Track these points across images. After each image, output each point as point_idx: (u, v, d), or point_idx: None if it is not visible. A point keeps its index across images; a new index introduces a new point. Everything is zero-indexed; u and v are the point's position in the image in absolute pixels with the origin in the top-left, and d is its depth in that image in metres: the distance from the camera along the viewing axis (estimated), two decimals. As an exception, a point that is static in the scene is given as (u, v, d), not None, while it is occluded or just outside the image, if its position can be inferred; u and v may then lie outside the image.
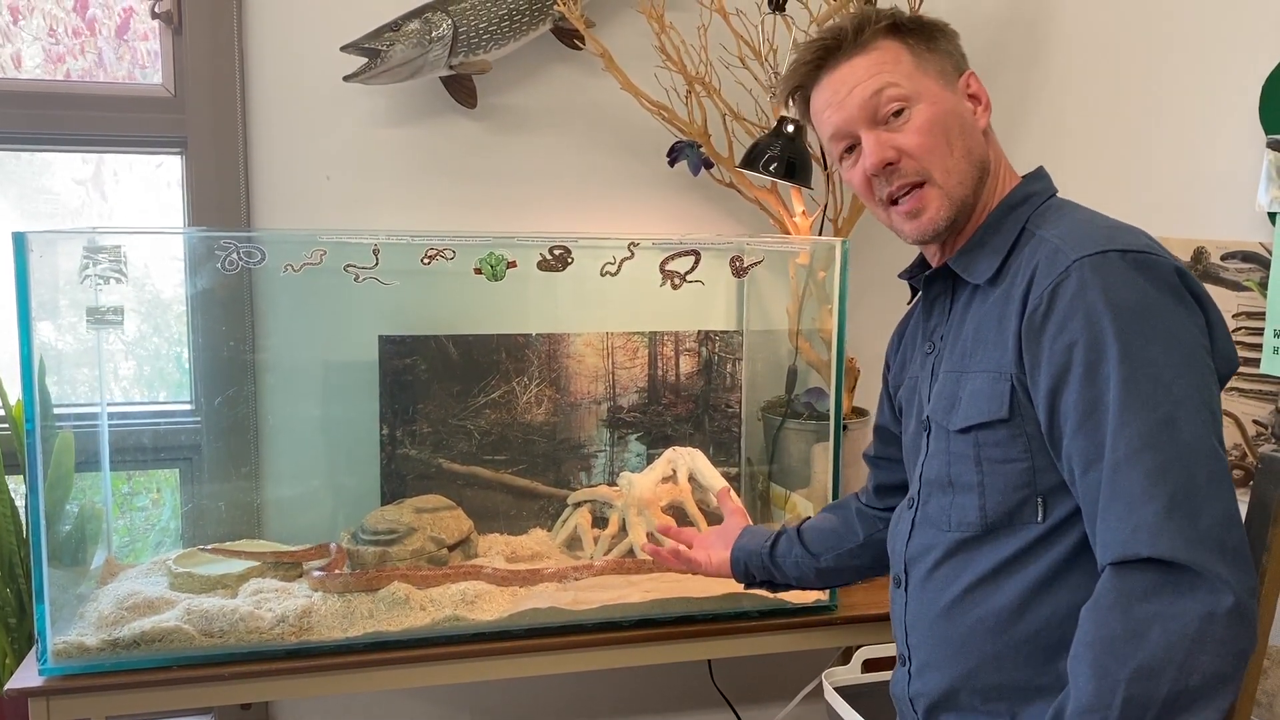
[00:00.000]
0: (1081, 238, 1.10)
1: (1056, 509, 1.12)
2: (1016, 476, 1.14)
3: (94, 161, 2.12)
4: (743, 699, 2.42)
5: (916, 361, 1.34)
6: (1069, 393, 1.06)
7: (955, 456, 1.19)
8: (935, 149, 1.20)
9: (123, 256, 1.65)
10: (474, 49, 2.03)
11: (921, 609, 1.24)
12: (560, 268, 1.73)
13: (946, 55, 1.23)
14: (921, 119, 1.20)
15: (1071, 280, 1.06)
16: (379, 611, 1.72)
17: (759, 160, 1.99)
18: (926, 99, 1.20)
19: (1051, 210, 1.20)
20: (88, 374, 1.86)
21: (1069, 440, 1.07)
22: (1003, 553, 1.16)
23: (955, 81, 1.22)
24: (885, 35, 1.21)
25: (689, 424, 2.18)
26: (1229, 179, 1.83)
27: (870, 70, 1.21)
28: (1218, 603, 0.95)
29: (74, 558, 1.78)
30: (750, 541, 1.60)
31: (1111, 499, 1.01)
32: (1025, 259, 1.15)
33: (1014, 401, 1.13)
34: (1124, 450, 1.01)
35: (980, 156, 1.22)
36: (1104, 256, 1.06)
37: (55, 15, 2.08)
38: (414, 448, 2.03)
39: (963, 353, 1.21)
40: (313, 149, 2.09)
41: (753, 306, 2.24)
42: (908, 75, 1.20)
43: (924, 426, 1.26)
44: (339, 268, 1.67)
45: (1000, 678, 1.17)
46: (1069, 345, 1.05)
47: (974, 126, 1.22)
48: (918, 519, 1.27)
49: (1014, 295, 1.14)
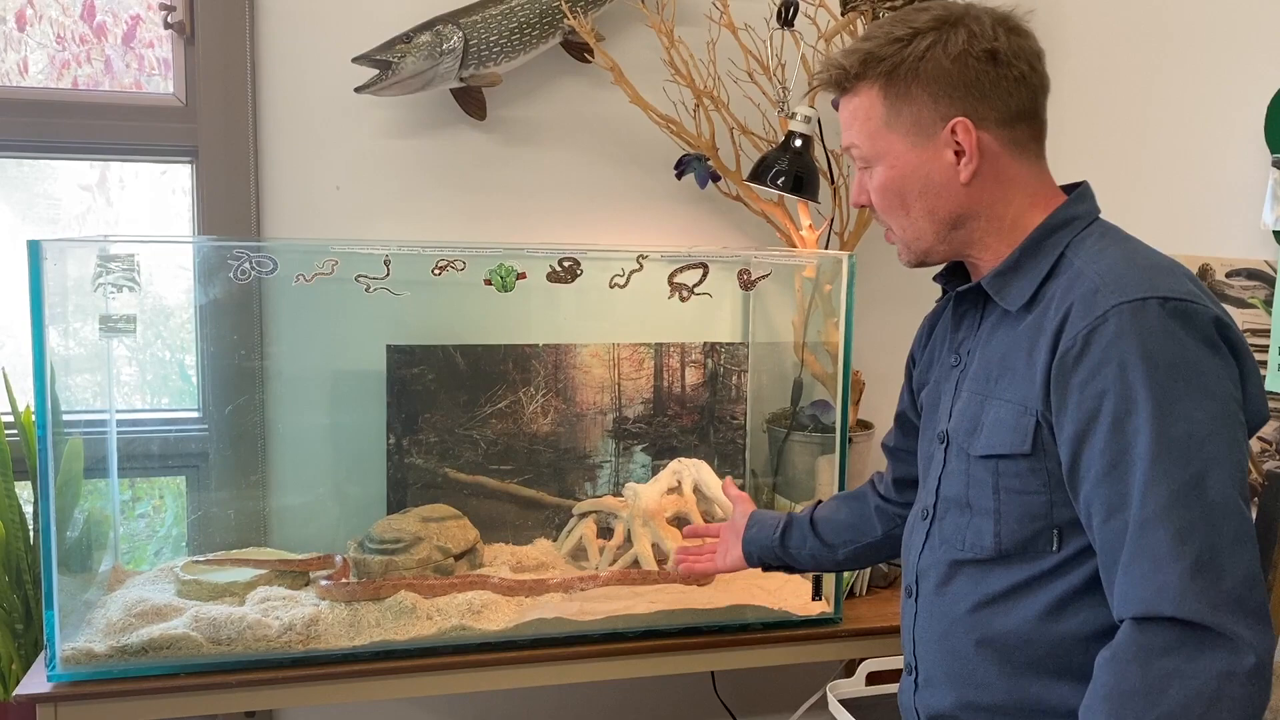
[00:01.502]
0: (1122, 279, 1.07)
1: (1071, 542, 1.12)
2: (1034, 508, 1.14)
3: (99, 168, 2.14)
4: (746, 711, 2.42)
5: (941, 369, 1.32)
6: (1094, 440, 1.05)
7: (974, 480, 1.19)
8: (890, 210, 1.23)
9: (136, 265, 1.66)
10: (484, 61, 2.04)
11: (930, 623, 1.25)
12: (569, 279, 1.74)
13: (928, 103, 1.17)
14: (878, 181, 1.22)
15: (1109, 326, 1.04)
16: (385, 620, 1.73)
17: (766, 174, 2.01)
18: (887, 161, 1.20)
19: (1092, 238, 1.17)
20: (96, 381, 1.87)
21: (1090, 487, 1.06)
22: (1014, 578, 1.16)
23: (934, 132, 1.17)
24: (867, 81, 1.19)
25: (694, 435, 2.19)
26: (1234, 196, 1.84)
27: (847, 121, 1.23)
28: (1238, 662, 0.96)
29: (82, 564, 1.78)
30: (760, 533, 1.60)
31: (1137, 555, 1.01)
32: (1061, 289, 1.13)
33: (1038, 438, 1.12)
34: (1152, 508, 1.00)
35: (950, 212, 1.20)
36: (1143, 304, 1.04)
37: (62, 23, 2.10)
38: (420, 457, 2.04)
39: (989, 376, 1.19)
40: (323, 159, 2.11)
41: (758, 319, 2.25)
42: (873, 133, 1.20)
43: (942, 439, 1.26)
44: (348, 277, 1.68)
45: (1003, 700, 1.17)
46: (1100, 393, 1.04)
47: (946, 183, 1.18)
48: (932, 532, 1.26)
49: (1046, 328, 1.11)
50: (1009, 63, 1.17)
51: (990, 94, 1.16)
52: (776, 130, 2.14)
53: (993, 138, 1.17)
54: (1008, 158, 1.19)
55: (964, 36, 1.16)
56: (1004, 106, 1.17)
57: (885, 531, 1.52)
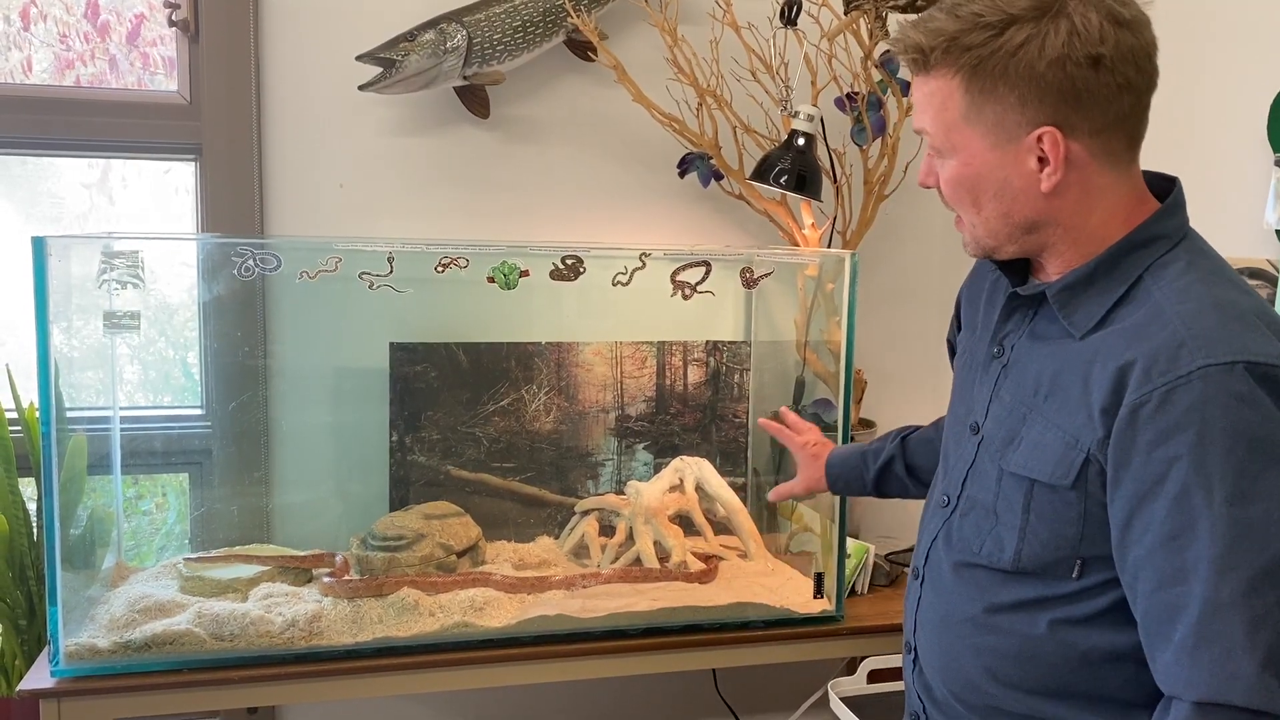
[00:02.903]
0: (1211, 335, 0.99)
1: (1093, 573, 1.08)
2: (1063, 536, 1.09)
3: (101, 166, 2.14)
4: (748, 709, 2.43)
5: (979, 348, 1.25)
6: (1155, 506, 0.99)
7: (1004, 493, 1.14)
8: (960, 203, 1.13)
9: (140, 262, 1.66)
10: (488, 60, 2.04)
11: (933, 614, 1.23)
12: (572, 277, 1.74)
13: (1014, 106, 1.04)
14: (950, 174, 1.11)
15: (1193, 389, 0.97)
16: (388, 617, 1.73)
17: (769, 173, 2.01)
18: (961, 156, 1.09)
19: (1176, 266, 1.07)
20: (100, 377, 1.88)
21: (1143, 552, 1.01)
22: (1025, 594, 1.12)
23: (1018, 136, 1.06)
24: (948, 69, 1.06)
25: (696, 434, 2.19)
26: (1237, 196, 1.84)
27: (921, 103, 1.12)
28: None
29: (85, 560, 1.79)
30: (847, 472, 1.62)
31: (1206, 639, 0.97)
32: (1135, 321, 1.05)
33: (1083, 474, 1.06)
34: (1227, 595, 0.96)
35: (1026, 218, 1.10)
36: (1230, 369, 0.97)
37: (66, 21, 2.10)
38: (423, 454, 2.04)
39: (1035, 389, 1.12)
40: (326, 157, 2.11)
41: (760, 318, 2.25)
42: (949, 125, 1.09)
43: (974, 430, 1.20)
44: (351, 275, 1.68)
45: (995, 704, 1.16)
46: (1171, 459, 0.98)
47: (1025, 189, 1.08)
48: (951, 523, 1.21)
49: (1109, 360, 1.04)
50: (1113, 69, 1.03)
51: (1087, 103, 1.04)
52: (779, 129, 2.14)
53: (1083, 148, 1.06)
54: (1096, 167, 1.07)
55: (1065, 35, 1.02)
56: (1100, 116, 1.05)
57: None
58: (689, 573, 1.92)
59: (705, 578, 1.92)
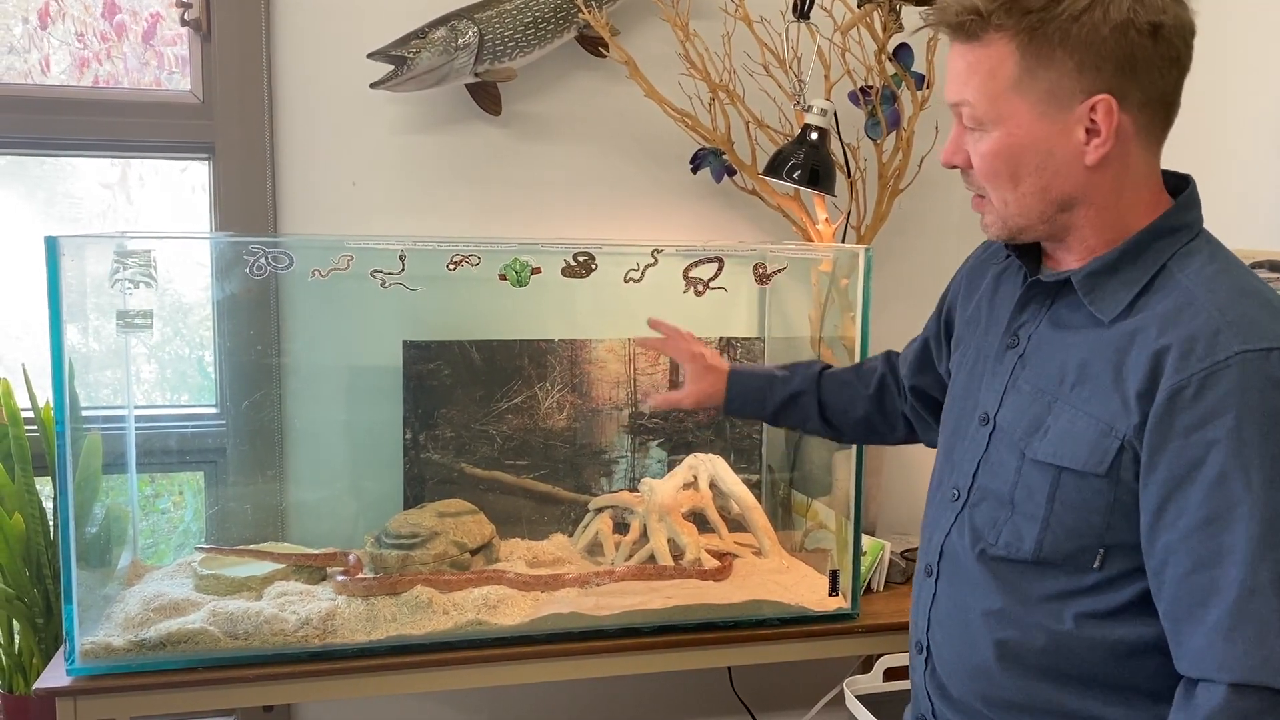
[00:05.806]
0: (1246, 322, 1.01)
1: (1116, 563, 1.08)
2: (1088, 525, 1.09)
3: (120, 166, 2.15)
4: (763, 707, 2.42)
5: (988, 342, 1.24)
6: (1192, 490, 1.00)
7: (1026, 481, 1.13)
8: (996, 178, 1.11)
9: (153, 261, 1.67)
10: (499, 56, 2.04)
11: (949, 611, 1.22)
12: (585, 274, 1.74)
13: (1071, 73, 1.03)
14: (988, 146, 1.09)
15: (1231, 374, 0.98)
16: (402, 615, 1.73)
17: (782, 168, 2.00)
18: (1006, 127, 1.07)
19: (1200, 256, 1.08)
20: (115, 377, 1.88)
21: (1176, 536, 1.01)
22: (1049, 588, 1.12)
23: (1070, 105, 1.05)
24: (1005, 32, 1.04)
25: (710, 431, 2.19)
26: (1253, 188, 1.82)
27: (963, 73, 1.09)
28: None
29: (100, 559, 1.79)
30: (749, 393, 1.62)
31: (1241, 621, 0.97)
32: (1164, 308, 1.05)
33: (1117, 462, 1.06)
34: (1266, 578, 0.97)
35: (1064, 194, 1.09)
36: (1267, 355, 0.98)
37: (84, 21, 2.11)
38: (437, 452, 2.04)
39: (1061, 377, 1.12)
40: (338, 155, 2.11)
41: (774, 313, 2.24)
42: (996, 94, 1.06)
43: (985, 422, 1.20)
44: (363, 273, 1.68)
45: (1016, 698, 1.15)
46: (1209, 442, 0.99)
47: (1068, 162, 1.07)
48: (963, 517, 1.20)
49: (1143, 347, 1.04)
50: (1169, 40, 1.04)
51: (1142, 73, 1.04)
52: (792, 124, 2.13)
53: (1131, 121, 1.06)
54: (1136, 145, 1.08)
55: (1130, 1, 1.02)
56: (1151, 88, 1.05)
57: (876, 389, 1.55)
58: (703, 570, 1.91)
59: (720, 575, 1.91)
